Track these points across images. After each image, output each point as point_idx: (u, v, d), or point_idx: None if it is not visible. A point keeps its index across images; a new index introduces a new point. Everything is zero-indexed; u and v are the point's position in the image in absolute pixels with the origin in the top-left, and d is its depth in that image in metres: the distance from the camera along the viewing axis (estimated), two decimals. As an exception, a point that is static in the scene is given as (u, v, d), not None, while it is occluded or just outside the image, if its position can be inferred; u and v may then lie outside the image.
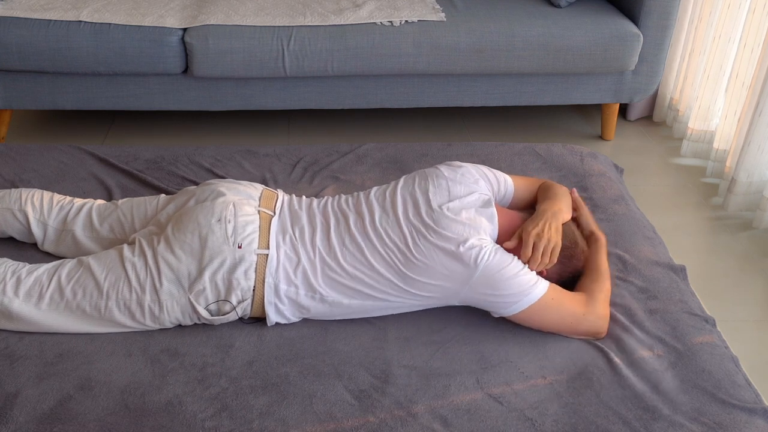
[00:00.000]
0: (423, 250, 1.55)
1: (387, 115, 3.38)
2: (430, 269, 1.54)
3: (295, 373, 1.46)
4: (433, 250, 1.54)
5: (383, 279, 1.55)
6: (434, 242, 1.55)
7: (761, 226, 2.70)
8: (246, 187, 1.71)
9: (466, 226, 1.56)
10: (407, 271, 1.55)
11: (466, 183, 1.68)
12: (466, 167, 1.74)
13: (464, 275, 1.53)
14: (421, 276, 1.55)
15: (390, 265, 1.56)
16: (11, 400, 1.37)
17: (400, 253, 1.56)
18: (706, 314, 1.65)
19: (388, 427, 1.35)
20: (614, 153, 3.17)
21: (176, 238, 1.56)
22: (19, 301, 1.51)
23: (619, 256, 1.80)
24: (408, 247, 1.56)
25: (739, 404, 1.41)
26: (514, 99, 3.07)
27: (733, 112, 2.90)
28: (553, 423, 1.38)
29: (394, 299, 1.57)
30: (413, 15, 2.89)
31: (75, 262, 1.58)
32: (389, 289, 1.56)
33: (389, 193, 1.68)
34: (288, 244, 1.59)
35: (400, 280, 1.55)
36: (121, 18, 2.77)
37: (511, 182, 1.79)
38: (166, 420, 1.35)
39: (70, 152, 2.15)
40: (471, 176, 1.71)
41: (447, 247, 1.54)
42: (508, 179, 1.79)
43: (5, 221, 1.74)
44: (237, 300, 1.54)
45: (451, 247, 1.53)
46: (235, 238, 1.55)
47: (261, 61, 2.80)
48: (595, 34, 2.90)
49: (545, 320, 1.56)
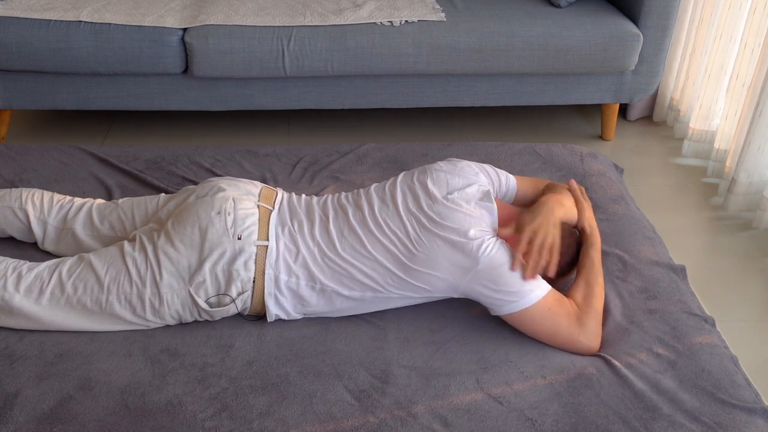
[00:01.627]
0: (424, 240, 1.55)
1: (387, 115, 3.38)
2: (431, 260, 1.54)
3: (295, 373, 1.46)
4: (435, 241, 1.54)
5: (384, 269, 1.56)
6: (436, 232, 1.55)
7: (761, 226, 2.70)
8: (246, 184, 1.72)
9: (466, 217, 1.56)
10: (409, 261, 1.55)
11: (465, 175, 1.68)
12: (465, 162, 1.74)
13: (466, 266, 1.53)
14: (422, 267, 1.55)
15: (391, 254, 1.56)
16: (11, 400, 1.37)
17: (401, 244, 1.56)
18: (706, 314, 1.65)
19: (388, 427, 1.35)
20: (614, 153, 3.17)
21: (176, 231, 1.57)
22: (20, 297, 1.51)
23: (619, 256, 1.80)
24: (409, 237, 1.56)
25: (739, 404, 1.41)
26: (514, 99, 3.07)
27: (734, 112, 2.90)
28: (553, 423, 1.38)
29: (393, 291, 1.57)
30: (413, 15, 2.89)
31: (76, 258, 1.59)
32: (389, 279, 1.56)
33: (389, 187, 1.68)
34: (287, 236, 1.60)
35: (402, 271, 1.55)
36: (121, 18, 2.78)
37: (513, 180, 1.79)
38: (166, 420, 1.35)
39: (70, 152, 2.15)
40: (470, 169, 1.71)
41: (449, 237, 1.54)
42: (510, 177, 1.79)
43: (5, 220, 1.75)
44: (237, 292, 1.54)
45: (452, 237, 1.54)
46: (234, 230, 1.56)
47: (261, 61, 2.80)
48: (595, 34, 2.90)
49: (538, 329, 1.55)
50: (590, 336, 1.54)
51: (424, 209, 1.59)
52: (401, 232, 1.57)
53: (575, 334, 1.53)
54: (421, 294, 1.60)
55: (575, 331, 1.53)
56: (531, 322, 1.54)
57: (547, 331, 1.54)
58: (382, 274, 1.56)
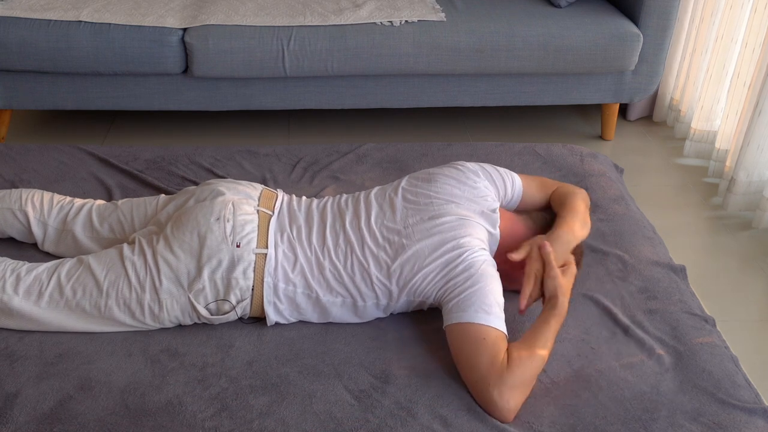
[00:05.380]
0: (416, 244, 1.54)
1: (387, 115, 3.38)
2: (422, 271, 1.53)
3: (294, 373, 1.46)
4: (428, 252, 1.53)
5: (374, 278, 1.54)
6: (430, 243, 1.54)
7: (761, 226, 2.70)
8: (245, 186, 1.71)
9: (465, 229, 1.56)
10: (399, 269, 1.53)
11: (470, 185, 1.67)
12: (472, 169, 1.72)
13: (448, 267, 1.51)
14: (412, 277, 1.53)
15: (381, 265, 1.54)
16: (11, 400, 1.37)
17: (393, 251, 1.55)
18: (706, 314, 1.65)
19: (388, 427, 1.35)
20: (614, 153, 3.17)
21: (175, 237, 1.56)
22: (19, 299, 1.51)
23: (619, 256, 1.80)
24: (403, 246, 1.55)
25: (739, 404, 1.41)
26: (514, 99, 3.07)
27: (735, 111, 2.90)
28: (551, 424, 1.37)
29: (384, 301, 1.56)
30: (413, 15, 2.89)
31: (75, 261, 1.58)
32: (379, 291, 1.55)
33: (389, 193, 1.67)
34: (286, 243, 1.59)
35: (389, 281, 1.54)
36: (121, 18, 2.78)
37: (519, 183, 1.77)
38: (166, 420, 1.35)
39: (70, 152, 2.15)
40: (478, 178, 1.70)
41: (443, 248, 1.53)
42: (516, 180, 1.77)
43: (5, 221, 1.74)
44: (236, 299, 1.54)
45: (447, 248, 1.53)
46: (233, 237, 1.55)
47: (261, 61, 2.80)
48: (595, 34, 2.90)
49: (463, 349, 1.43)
50: (504, 394, 1.36)
51: (421, 217, 1.58)
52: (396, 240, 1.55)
53: (488, 382, 1.37)
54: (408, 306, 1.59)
55: (491, 379, 1.37)
56: (462, 338, 1.43)
57: (466, 356, 1.42)
58: (371, 282, 1.55)
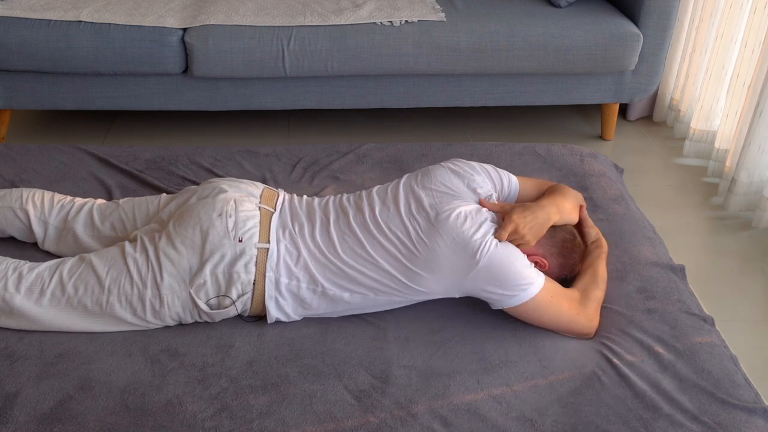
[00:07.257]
0: (426, 242, 1.55)
1: (387, 115, 3.38)
2: (432, 261, 1.54)
3: (295, 373, 1.46)
4: (436, 242, 1.54)
5: (384, 272, 1.56)
6: (437, 235, 1.55)
7: (761, 226, 2.70)
8: (247, 185, 1.72)
9: (468, 221, 1.57)
10: (410, 263, 1.55)
11: (468, 179, 1.68)
12: (470, 164, 1.74)
13: (466, 267, 1.54)
14: (423, 268, 1.55)
15: (392, 257, 1.56)
16: (11, 400, 1.37)
17: (402, 246, 1.56)
18: (705, 314, 1.65)
19: (388, 427, 1.35)
20: (614, 153, 3.17)
21: (178, 233, 1.57)
22: (21, 297, 1.51)
23: (619, 256, 1.80)
24: (411, 239, 1.56)
25: (739, 404, 1.41)
26: (514, 99, 3.07)
27: (735, 111, 2.90)
28: (553, 423, 1.38)
29: (395, 293, 1.58)
30: (413, 15, 2.89)
31: (76, 259, 1.59)
32: (390, 282, 1.56)
33: (391, 189, 1.68)
34: (288, 239, 1.60)
35: (402, 273, 1.56)
36: (121, 18, 2.77)
37: (516, 181, 1.79)
38: (166, 420, 1.35)
39: (70, 152, 2.15)
40: (475, 173, 1.71)
41: (450, 239, 1.54)
42: (513, 178, 1.79)
43: (6, 220, 1.75)
44: (237, 294, 1.54)
45: (454, 239, 1.54)
46: (235, 233, 1.56)
47: (261, 61, 2.80)
48: (595, 34, 2.90)
49: (541, 317, 1.58)
50: (590, 317, 1.59)
51: (425, 212, 1.59)
52: (402, 234, 1.57)
53: (575, 315, 1.58)
54: (421, 297, 1.60)
55: (575, 311, 1.58)
56: (535, 311, 1.57)
57: (550, 316, 1.58)
58: (383, 276, 1.56)
